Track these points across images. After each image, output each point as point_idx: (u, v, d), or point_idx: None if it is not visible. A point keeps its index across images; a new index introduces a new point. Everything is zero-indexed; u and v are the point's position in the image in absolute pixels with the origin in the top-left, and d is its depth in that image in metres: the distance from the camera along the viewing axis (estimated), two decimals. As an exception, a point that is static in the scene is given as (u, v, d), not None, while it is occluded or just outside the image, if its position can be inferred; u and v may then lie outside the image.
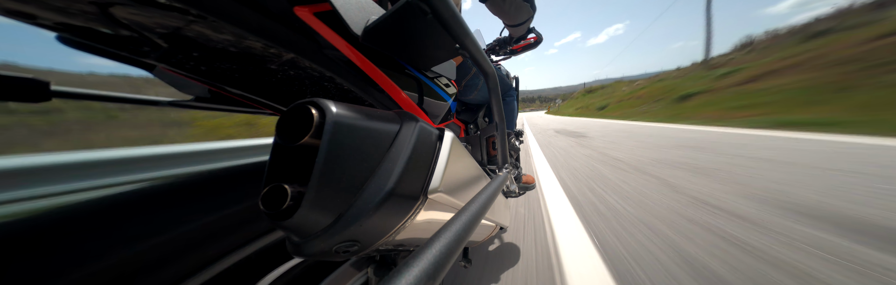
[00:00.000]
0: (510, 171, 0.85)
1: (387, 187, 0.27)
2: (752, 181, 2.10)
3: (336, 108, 0.26)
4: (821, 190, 1.81)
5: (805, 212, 1.49)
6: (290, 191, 0.24)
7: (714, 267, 1.04)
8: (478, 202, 0.34)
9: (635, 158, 3.27)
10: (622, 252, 1.19)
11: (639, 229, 1.41)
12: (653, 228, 1.41)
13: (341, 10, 0.34)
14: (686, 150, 3.54)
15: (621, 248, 1.22)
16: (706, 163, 2.78)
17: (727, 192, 1.89)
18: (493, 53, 1.54)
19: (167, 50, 0.40)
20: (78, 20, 0.33)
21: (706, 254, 1.13)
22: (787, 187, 1.91)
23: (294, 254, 0.27)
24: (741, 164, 2.61)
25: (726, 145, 3.72)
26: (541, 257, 1.19)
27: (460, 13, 0.52)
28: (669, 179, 2.29)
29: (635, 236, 1.33)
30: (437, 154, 0.35)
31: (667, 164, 2.83)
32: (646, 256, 1.15)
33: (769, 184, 2.01)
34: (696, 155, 3.21)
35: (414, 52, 0.46)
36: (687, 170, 2.53)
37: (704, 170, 2.49)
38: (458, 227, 0.26)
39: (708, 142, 4.14)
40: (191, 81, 0.53)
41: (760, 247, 1.17)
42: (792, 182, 2.01)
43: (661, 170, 2.63)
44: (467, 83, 1.04)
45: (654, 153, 3.50)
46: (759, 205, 1.64)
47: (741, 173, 2.33)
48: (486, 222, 0.65)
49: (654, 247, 1.21)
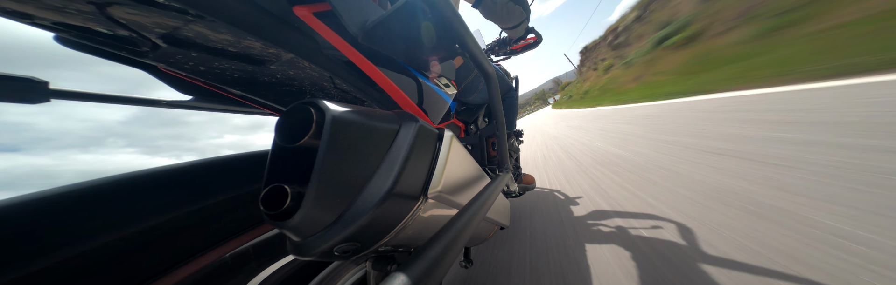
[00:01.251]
0: (510, 171, 0.85)
1: (387, 187, 0.27)
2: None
3: (335, 109, 0.25)
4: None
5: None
6: (291, 191, 0.24)
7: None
8: (478, 202, 0.34)
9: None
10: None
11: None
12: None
13: (341, 10, 0.34)
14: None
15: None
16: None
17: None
18: (493, 53, 1.54)
19: (166, 50, 0.40)
20: (76, 20, 0.33)
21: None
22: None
23: (295, 255, 0.27)
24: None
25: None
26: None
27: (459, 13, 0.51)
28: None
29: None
30: (437, 154, 0.34)
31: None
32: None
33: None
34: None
35: (413, 52, 0.46)
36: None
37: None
38: (458, 227, 0.26)
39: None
40: (190, 81, 0.53)
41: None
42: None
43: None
44: (468, 84, 1.04)
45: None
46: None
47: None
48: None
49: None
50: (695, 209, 1.09)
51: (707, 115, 2.64)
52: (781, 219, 0.87)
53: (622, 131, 3.29)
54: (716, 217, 1.00)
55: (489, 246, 1.29)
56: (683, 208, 1.13)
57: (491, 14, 0.90)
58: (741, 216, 0.96)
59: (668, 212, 1.13)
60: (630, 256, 0.92)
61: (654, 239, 0.97)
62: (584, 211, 1.39)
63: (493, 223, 0.70)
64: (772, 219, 0.89)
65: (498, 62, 1.65)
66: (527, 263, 1.04)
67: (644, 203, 1.28)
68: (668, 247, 0.90)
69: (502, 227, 0.85)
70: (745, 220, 0.93)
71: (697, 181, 1.31)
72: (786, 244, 0.77)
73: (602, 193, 1.56)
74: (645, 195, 1.35)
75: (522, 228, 1.37)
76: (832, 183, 0.97)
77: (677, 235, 0.96)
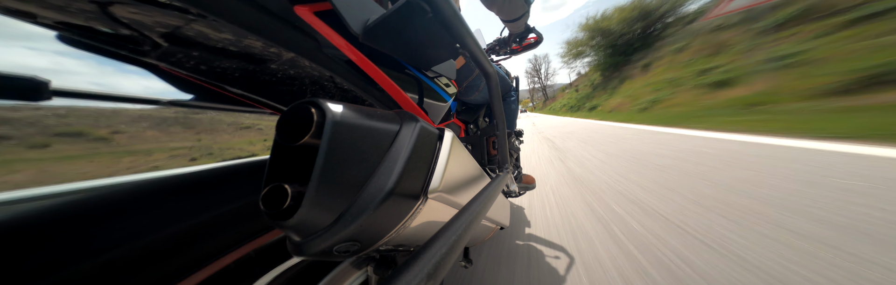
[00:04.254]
0: (510, 171, 0.85)
1: (387, 187, 0.27)
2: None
3: (336, 108, 0.26)
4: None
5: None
6: (291, 190, 0.24)
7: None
8: (478, 202, 0.34)
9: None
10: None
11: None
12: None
13: (342, 10, 0.34)
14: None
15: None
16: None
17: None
18: (494, 53, 1.54)
19: (167, 49, 0.40)
20: (78, 19, 0.33)
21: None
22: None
23: (294, 254, 0.27)
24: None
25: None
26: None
27: (460, 13, 0.51)
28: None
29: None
30: (438, 154, 0.35)
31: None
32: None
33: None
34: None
35: (414, 51, 0.46)
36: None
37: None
38: (458, 227, 0.26)
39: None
40: (191, 80, 0.53)
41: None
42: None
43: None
44: (469, 84, 1.04)
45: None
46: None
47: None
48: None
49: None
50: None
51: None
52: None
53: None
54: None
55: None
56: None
57: (492, 4, 0.92)
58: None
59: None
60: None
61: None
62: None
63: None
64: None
65: (499, 62, 1.65)
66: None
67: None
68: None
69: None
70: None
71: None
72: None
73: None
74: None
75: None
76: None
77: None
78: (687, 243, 1.13)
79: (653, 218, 1.41)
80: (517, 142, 1.53)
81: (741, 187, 1.69)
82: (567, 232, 1.37)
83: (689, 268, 0.96)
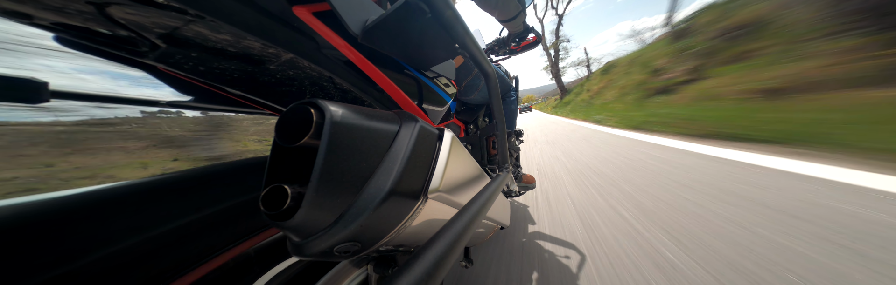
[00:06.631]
0: (510, 171, 0.85)
1: (387, 187, 0.27)
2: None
3: (335, 109, 0.25)
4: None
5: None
6: (291, 191, 0.24)
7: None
8: (478, 202, 0.34)
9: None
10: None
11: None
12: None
13: (340, 10, 0.34)
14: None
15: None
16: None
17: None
18: (493, 53, 1.54)
19: (165, 50, 0.40)
20: (75, 20, 0.33)
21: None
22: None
23: (295, 255, 0.27)
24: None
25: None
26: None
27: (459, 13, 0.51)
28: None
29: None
30: (437, 154, 0.34)
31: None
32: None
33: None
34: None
35: (413, 51, 0.46)
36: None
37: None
38: (458, 227, 0.26)
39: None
40: (189, 81, 0.53)
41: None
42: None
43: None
44: (468, 83, 1.04)
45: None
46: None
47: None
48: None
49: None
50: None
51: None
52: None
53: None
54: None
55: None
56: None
57: (487, 5, 0.91)
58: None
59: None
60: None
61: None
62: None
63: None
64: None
65: (498, 62, 1.65)
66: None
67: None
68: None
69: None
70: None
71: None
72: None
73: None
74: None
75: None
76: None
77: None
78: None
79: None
80: (517, 141, 1.53)
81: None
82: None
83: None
